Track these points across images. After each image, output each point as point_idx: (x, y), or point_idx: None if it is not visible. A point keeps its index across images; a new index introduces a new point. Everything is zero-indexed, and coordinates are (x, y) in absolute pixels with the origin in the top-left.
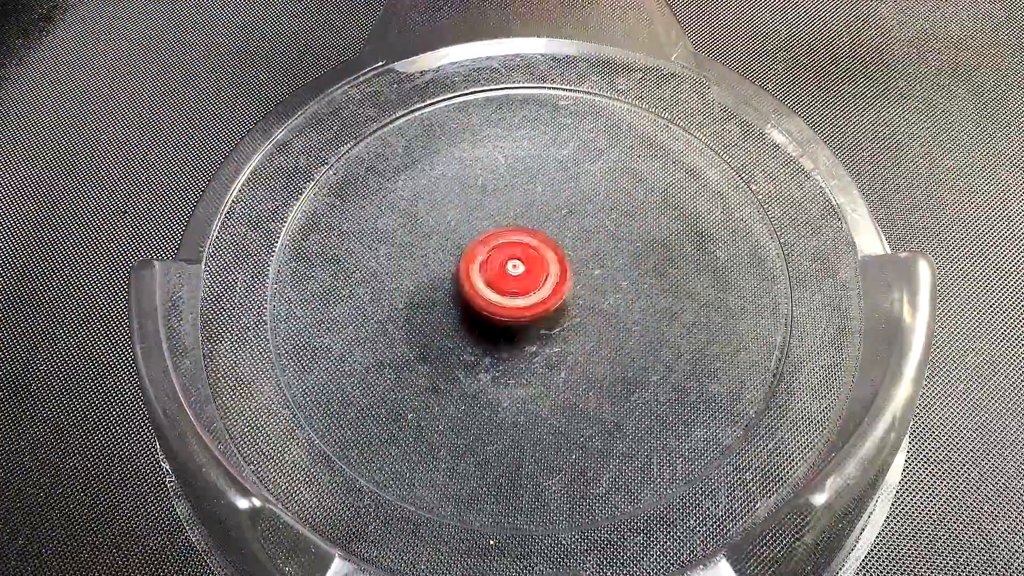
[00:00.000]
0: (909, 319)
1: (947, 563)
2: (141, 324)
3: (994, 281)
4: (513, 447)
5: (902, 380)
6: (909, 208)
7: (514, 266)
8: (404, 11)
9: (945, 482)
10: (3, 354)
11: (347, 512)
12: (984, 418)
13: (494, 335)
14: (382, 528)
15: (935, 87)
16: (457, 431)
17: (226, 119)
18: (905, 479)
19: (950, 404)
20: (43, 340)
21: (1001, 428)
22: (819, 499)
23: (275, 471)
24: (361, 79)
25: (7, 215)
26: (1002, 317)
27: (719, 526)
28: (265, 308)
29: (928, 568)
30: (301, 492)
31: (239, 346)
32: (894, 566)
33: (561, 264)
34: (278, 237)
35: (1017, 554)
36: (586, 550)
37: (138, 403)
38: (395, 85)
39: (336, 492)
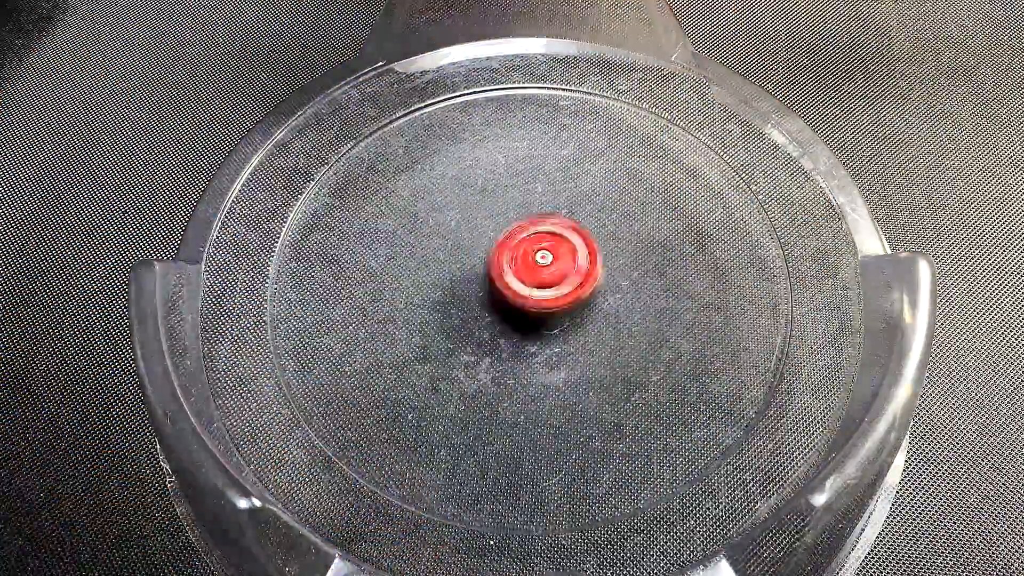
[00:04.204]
0: (909, 319)
1: (947, 563)
2: (141, 324)
3: (994, 281)
4: (513, 447)
5: (902, 380)
6: (909, 208)
7: (543, 257)
8: (404, 11)
9: (945, 483)
10: (3, 354)
11: (347, 512)
12: (984, 418)
13: (494, 336)
14: (382, 528)
15: (935, 87)
16: (457, 431)
17: (226, 119)
18: (905, 479)
19: (950, 404)
20: (43, 340)
21: (1001, 428)
22: (819, 499)
23: (275, 471)
24: (361, 79)
25: (7, 215)
26: (1002, 317)
27: (719, 526)
28: (265, 308)
29: (928, 569)
30: (301, 492)
31: (239, 346)
32: (894, 566)
33: (590, 249)
34: (278, 237)
35: (1017, 554)
36: (586, 550)
37: (138, 403)
38: (395, 85)
39: (336, 492)
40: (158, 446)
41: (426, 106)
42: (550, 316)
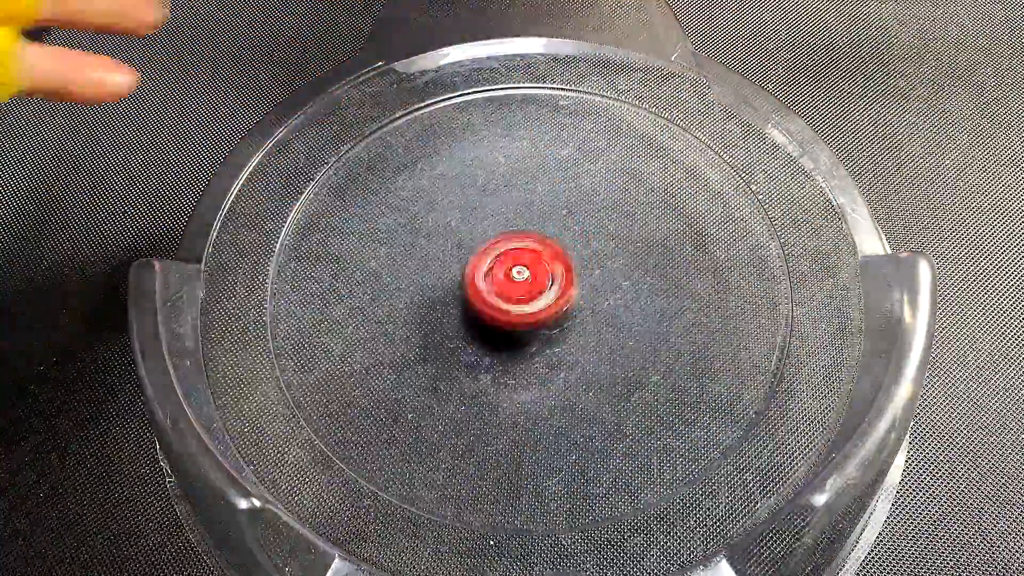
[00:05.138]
0: (909, 319)
1: (947, 564)
2: (141, 324)
3: (994, 281)
4: (513, 447)
5: (902, 380)
6: (909, 208)
7: (519, 272)
8: (404, 11)
9: (945, 482)
10: (3, 354)
11: (347, 512)
12: (984, 418)
13: (494, 336)
14: (382, 528)
15: (935, 87)
16: (457, 431)
17: (226, 119)
18: (905, 479)
19: (950, 404)
20: (43, 339)
21: (1001, 428)
22: (819, 499)
23: (275, 471)
24: (361, 79)
25: (7, 215)
26: (1002, 317)
27: (719, 526)
28: (265, 308)
29: (928, 569)
30: (301, 492)
31: (239, 346)
32: (894, 567)
33: (566, 267)
34: (278, 237)
35: (1017, 554)
36: (586, 550)
37: (138, 403)
38: (395, 85)
39: (336, 492)
40: (158, 446)
41: (426, 106)
42: (528, 330)
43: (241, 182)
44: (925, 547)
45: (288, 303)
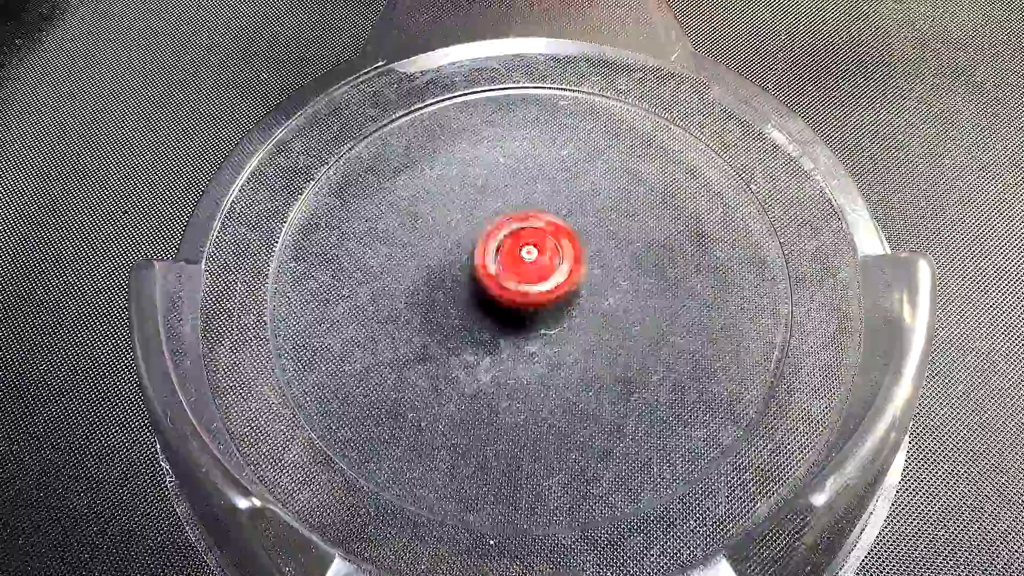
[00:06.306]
0: (909, 319)
1: (947, 563)
2: (141, 324)
3: (994, 281)
4: (513, 447)
5: (902, 380)
6: (909, 208)
7: (528, 252)
8: (404, 11)
9: (945, 482)
10: (3, 354)
11: (347, 512)
12: (984, 418)
13: (495, 336)
14: (382, 528)
15: (935, 87)
16: (457, 431)
17: (226, 119)
18: (905, 479)
19: (950, 404)
20: (43, 340)
21: (1001, 427)
22: (819, 499)
23: (275, 471)
24: (361, 79)
25: (7, 215)
26: (1002, 317)
27: (719, 526)
28: (265, 308)
29: (928, 568)
30: (301, 492)
31: (239, 346)
32: (894, 566)
33: (574, 246)
34: (278, 237)
35: (1017, 554)
36: (586, 550)
37: (138, 403)
38: (395, 85)
39: (336, 492)
40: (158, 446)
41: (426, 106)
42: (537, 311)
43: (241, 182)
44: (925, 546)
45: (288, 303)
